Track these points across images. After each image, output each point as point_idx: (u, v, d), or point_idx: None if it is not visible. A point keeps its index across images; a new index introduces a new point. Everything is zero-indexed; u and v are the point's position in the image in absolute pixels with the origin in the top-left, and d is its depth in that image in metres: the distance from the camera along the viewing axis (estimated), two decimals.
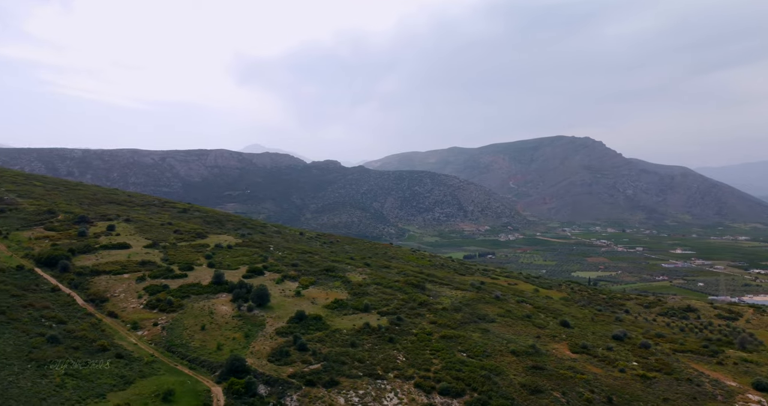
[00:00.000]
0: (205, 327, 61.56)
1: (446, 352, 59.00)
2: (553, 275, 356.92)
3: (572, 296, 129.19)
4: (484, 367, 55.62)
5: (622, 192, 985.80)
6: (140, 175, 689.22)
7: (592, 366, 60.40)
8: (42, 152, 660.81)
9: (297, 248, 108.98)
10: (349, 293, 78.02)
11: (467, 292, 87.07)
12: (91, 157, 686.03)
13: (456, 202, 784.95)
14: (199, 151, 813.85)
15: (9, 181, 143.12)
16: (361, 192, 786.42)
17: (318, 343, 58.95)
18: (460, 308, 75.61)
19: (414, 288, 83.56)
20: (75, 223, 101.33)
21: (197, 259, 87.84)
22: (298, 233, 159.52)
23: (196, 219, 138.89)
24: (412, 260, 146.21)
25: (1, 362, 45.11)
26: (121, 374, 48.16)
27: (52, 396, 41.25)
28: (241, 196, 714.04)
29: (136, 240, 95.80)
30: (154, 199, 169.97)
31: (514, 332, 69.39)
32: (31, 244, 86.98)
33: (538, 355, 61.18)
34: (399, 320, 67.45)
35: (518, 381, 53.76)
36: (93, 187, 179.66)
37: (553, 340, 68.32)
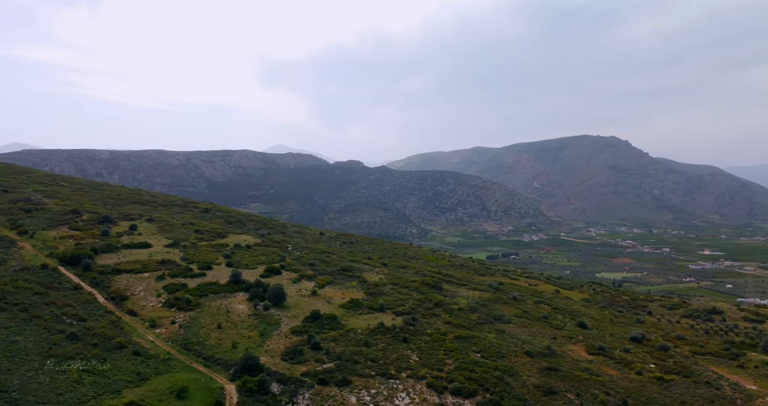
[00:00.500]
0: (222, 326, 62.34)
1: (460, 352, 58.84)
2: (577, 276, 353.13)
3: (594, 297, 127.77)
4: (497, 368, 55.34)
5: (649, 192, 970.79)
6: (166, 175, 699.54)
7: (608, 368, 59.69)
8: (71, 153, 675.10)
9: (315, 248, 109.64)
10: (365, 292, 78.28)
11: (484, 292, 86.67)
12: (118, 158, 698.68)
13: (479, 202, 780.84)
14: (223, 152, 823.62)
15: (37, 182, 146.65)
16: (384, 192, 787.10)
17: (332, 342, 59.25)
18: (476, 309, 75.32)
19: (430, 288, 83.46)
20: (99, 222, 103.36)
21: (216, 258, 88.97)
22: (318, 232, 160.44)
23: (217, 219, 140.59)
24: (432, 261, 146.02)
25: (21, 358, 46.29)
26: (137, 371, 49.04)
27: (69, 391, 42.18)
28: (265, 196, 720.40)
29: (157, 240, 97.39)
30: (177, 199, 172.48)
31: (530, 333, 68.89)
32: (55, 243, 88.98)
33: (553, 356, 60.67)
34: (414, 320, 67.46)
35: (532, 382, 53.37)
36: (117, 187, 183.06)
37: (570, 341, 67.67)
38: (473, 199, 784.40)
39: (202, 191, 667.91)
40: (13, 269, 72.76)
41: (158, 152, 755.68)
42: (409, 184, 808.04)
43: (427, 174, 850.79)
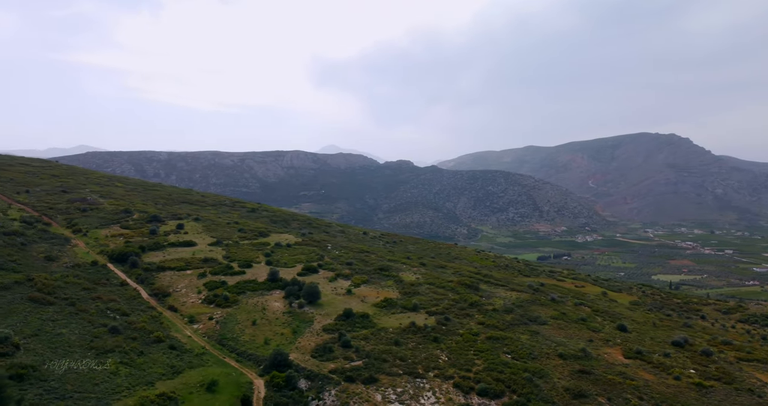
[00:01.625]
0: (256, 322, 63.94)
1: (490, 353, 58.38)
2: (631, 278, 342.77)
3: (643, 299, 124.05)
4: (527, 369, 54.64)
5: (711, 191, 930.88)
6: (221, 176, 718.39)
7: (644, 372, 58.00)
8: (132, 155, 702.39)
9: (355, 248, 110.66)
10: (400, 292, 78.60)
11: (522, 293, 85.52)
12: (175, 159, 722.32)
13: (531, 202, 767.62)
14: (276, 153, 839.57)
15: (94, 183, 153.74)
16: (434, 192, 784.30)
17: (362, 340, 59.83)
18: (511, 310, 74.47)
19: (467, 289, 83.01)
20: (148, 221, 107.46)
21: (257, 256, 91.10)
22: (361, 232, 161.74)
23: (263, 218, 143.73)
24: (476, 261, 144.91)
25: (64, 350, 48.84)
26: (171, 364, 50.97)
27: (104, 382, 44.28)
28: (316, 196, 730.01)
29: (202, 238, 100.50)
30: (226, 199, 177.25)
31: (565, 335, 67.63)
32: (107, 241, 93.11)
33: (587, 359, 59.40)
34: (447, 319, 67.31)
35: (562, 385, 52.46)
36: (169, 187, 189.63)
37: (606, 344, 66.07)
38: (525, 199, 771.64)
39: (255, 191, 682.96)
40: (65, 266, 76.68)
41: (213, 153, 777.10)
42: (460, 184, 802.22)
43: (477, 174, 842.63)
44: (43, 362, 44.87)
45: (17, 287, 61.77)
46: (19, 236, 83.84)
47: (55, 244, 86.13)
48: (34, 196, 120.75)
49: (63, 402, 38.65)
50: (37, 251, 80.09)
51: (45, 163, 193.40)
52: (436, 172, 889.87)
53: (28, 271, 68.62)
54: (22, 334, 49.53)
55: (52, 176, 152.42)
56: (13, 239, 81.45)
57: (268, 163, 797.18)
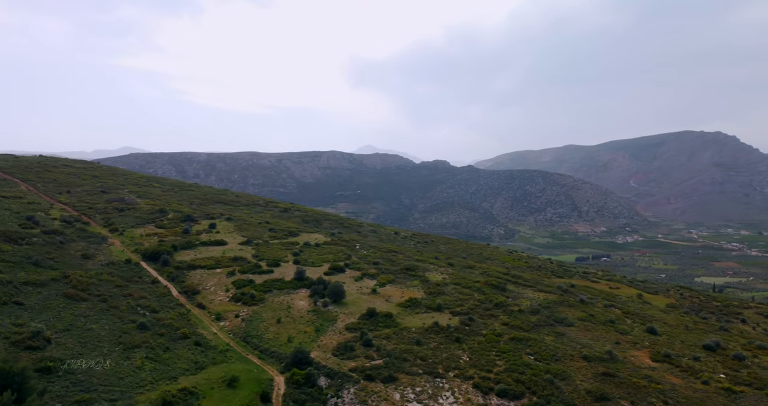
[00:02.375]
0: (281, 320, 64.92)
1: (512, 354, 57.95)
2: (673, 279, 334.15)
3: (680, 302, 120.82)
4: (549, 371, 54.06)
5: (760, 191, 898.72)
6: (258, 176, 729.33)
7: (671, 376, 56.66)
8: (173, 156, 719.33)
9: (383, 247, 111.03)
10: (425, 291, 78.62)
11: (550, 294, 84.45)
12: (214, 160, 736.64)
13: (570, 202, 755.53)
14: (313, 153, 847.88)
15: (132, 183, 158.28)
16: (470, 192, 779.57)
17: (384, 340, 60.16)
18: (537, 311, 73.65)
19: (493, 289, 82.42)
20: (182, 221, 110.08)
21: (285, 256, 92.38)
22: (393, 232, 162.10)
23: (295, 218, 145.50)
24: (507, 261, 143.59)
25: (93, 344, 50.57)
26: (195, 360, 52.24)
27: (129, 376, 45.69)
28: (352, 196, 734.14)
29: (233, 237, 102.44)
30: (259, 199, 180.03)
31: (591, 337, 66.55)
32: (141, 240, 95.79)
33: (612, 361, 58.36)
34: (470, 320, 67.06)
35: (584, 387, 51.72)
36: (205, 188, 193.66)
37: (634, 347, 64.74)
38: (563, 198, 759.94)
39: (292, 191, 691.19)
40: (100, 263, 79.27)
41: (252, 154, 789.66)
42: (497, 184, 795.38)
43: (515, 173, 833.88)
44: (72, 355, 46.60)
45: (53, 284, 64.15)
46: (58, 234, 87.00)
47: (92, 242, 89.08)
48: (75, 196, 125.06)
49: (88, 395, 40.06)
50: (75, 249, 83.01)
51: (87, 164, 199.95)
52: (472, 172, 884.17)
53: (64, 268, 71.20)
54: (54, 329, 51.47)
55: (93, 177, 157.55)
56: (53, 237, 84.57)
57: (305, 163, 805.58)
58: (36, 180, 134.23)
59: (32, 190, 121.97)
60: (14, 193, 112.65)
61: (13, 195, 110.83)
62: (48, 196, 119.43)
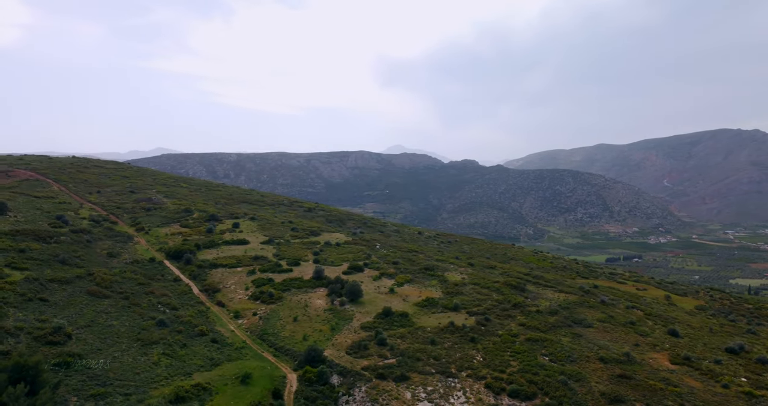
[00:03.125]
0: (297, 319, 65.64)
1: (527, 355, 57.57)
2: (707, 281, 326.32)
3: (710, 304, 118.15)
4: (563, 372, 53.57)
5: None
6: (287, 176, 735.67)
7: (690, 379, 55.58)
8: (204, 157, 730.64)
9: (403, 247, 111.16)
10: (443, 291, 78.56)
11: (571, 295, 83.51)
12: (244, 160, 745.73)
13: (601, 202, 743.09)
14: (341, 153, 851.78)
15: (161, 184, 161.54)
16: (499, 192, 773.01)
17: (398, 339, 60.37)
18: (556, 311, 72.93)
19: (512, 289, 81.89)
20: (206, 220, 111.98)
21: (305, 255, 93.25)
22: (416, 232, 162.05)
23: (319, 218, 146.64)
24: (532, 262, 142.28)
25: (112, 340, 52.00)
26: (210, 357, 53.28)
27: (145, 371, 46.88)
28: (380, 196, 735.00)
29: (255, 237, 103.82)
30: (284, 198, 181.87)
31: (610, 339, 65.66)
32: (166, 239, 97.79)
33: (629, 363, 57.53)
34: (487, 320, 66.81)
35: (598, 389, 51.13)
36: (231, 188, 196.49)
37: (653, 349, 63.65)
38: (594, 198, 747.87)
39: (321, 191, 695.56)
40: (125, 262, 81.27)
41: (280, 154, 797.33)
42: (526, 184, 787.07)
43: (545, 173, 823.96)
44: (91, 351, 47.99)
45: (78, 281, 66.07)
46: (86, 233, 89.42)
47: (118, 241, 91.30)
48: (104, 196, 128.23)
49: (103, 389, 41.25)
50: (101, 247, 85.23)
51: (118, 165, 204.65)
52: (501, 171, 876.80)
53: (89, 266, 73.23)
54: (76, 324, 53.06)
55: (122, 177, 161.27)
56: (80, 236, 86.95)
57: (333, 163, 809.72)
58: (68, 180, 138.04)
59: (64, 191, 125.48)
60: (46, 194, 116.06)
61: (46, 195, 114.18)
62: (78, 196, 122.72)
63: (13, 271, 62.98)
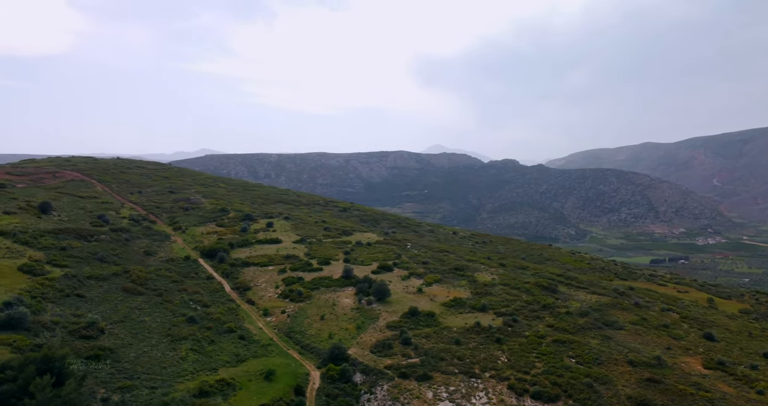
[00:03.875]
0: (325, 317, 66.45)
1: (553, 356, 56.89)
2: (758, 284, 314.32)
3: (756, 308, 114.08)
4: (589, 374, 52.77)
5: None
6: (327, 176, 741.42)
7: (723, 385, 53.94)
8: (245, 157, 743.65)
9: (435, 247, 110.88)
10: (471, 292, 78.17)
11: (603, 296, 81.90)
12: (285, 160, 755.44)
13: (646, 202, 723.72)
14: (380, 153, 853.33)
15: (199, 184, 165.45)
16: (540, 192, 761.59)
17: (423, 338, 60.47)
18: (586, 313, 71.68)
19: (543, 290, 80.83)
20: (241, 220, 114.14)
21: (336, 254, 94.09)
22: (451, 232, 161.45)
23: (353, 217, 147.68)
24: (568, 263, 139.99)
25: (143, 335, 53.72)
26: (237, 353, 54.46)
27: (172, 366, 48.29)
28: (419, 196, 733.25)
29: (288, 236, 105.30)
30: (320, 198, 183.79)
31: (641, 342, 64.21)
32: (202, 238, 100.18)
33: (660, 367, 56.18)
34: (514, 321, 66.22)
35: (625, 393, 50.17)
36: (268, 188, 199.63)
37: (686, 353, 61.96)
38: (639, 198, 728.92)
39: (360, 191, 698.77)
40: (161, 260, 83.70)
41: (320, 155, 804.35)
42: (568, 183, 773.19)
43: (587, 172, 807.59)
44: (122, 345, 49.72)
45: (114, 278, 68.41)
46: (125, 232, 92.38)
47: (156, 240, 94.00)
48: (145, 196, 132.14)
49: (130, 382, 42.71)
50: (138, 246, 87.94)
51: (159, 165, 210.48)
52: (542, 171, 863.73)
53: (126, 264, 75.67)
54: (110, 320, 55.01)
55: (163, 178, 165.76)
56: (119, 235, 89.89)
57: (372, 163, 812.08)
58: (111, 181, 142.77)
59: (107, 191, 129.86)
60: (90, 194, 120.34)
61: (89, 195, 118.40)
62: (120, 196, 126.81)
63: (54, 268, 65.62)
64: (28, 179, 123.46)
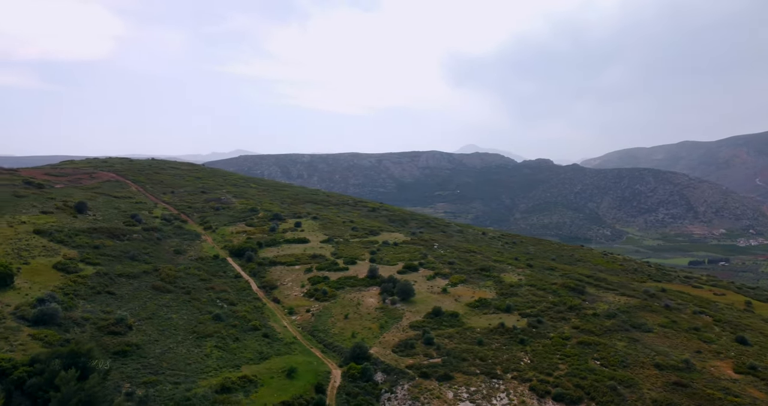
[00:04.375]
0: (348, 316, 66.94)
1: (577, 358, 56.19)
2: None
3: None
4: (614, 377, 51.96)
5: None
6: (359, 176, 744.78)
7: (754, 390, 52.43)
8: (279, 158, 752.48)
9: (462, 247, 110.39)
10: (497, 292, 77.67)
11: (633, 298, 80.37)
12: (317, 161, 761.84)
13: (684, 202, 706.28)
14: (412, 153, 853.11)
15: (231, 184, 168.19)
16: (575, 192, 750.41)
17: (446, 338, 60.42)
18: (614, 315, 70.47)
19: (570, 291, 79.77)
20: (270, 219, 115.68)
21: (362, 254, 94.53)
22: (480, 232, 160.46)
23: (381, 217, 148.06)
24: (600, 264, 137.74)
25: (170, 332, 55.00)
26: (260, 351, 55.31)
27: (196, 363, 49.35)
28: (451, 196, 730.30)
29: (315, 236, 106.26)
30: (349, 198, 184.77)
31: (670, 345, 62.84)
32: (231, 237, 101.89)
33: (687, 371, 54.92)
34: (539, 322, 65.60)
35: (650, 396, 49.24)
36: (298, 188, 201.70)
37: (717, 357, 60.39)
38: (677, 198, 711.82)
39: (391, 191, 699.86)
40: (190, 259, 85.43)
41: (352, 155, 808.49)
42: (603, 183, 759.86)
43: (623, 172, 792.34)
44: (148, 342, 51.01)
45: (144, 276, 70.16)
46: (156, 231, 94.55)
47: (186, 239, 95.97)
48: (177, 196, 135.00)
49: (155, 377, 43.83)
50: (169, 245, 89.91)
51: (192, 166, 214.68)
52: (577, 170, 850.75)
53: (156, 262, 77.49)
54: (138, 316, 56.48)
55: (195, 178, 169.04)
56: (151, 234, 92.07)
57: (404, 163, 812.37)
58: (145, 181, 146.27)
59: (141, 191, 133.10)
60: (125, 194, 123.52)
61: (124, 195, 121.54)
62: (154, 196, 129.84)
63: (87, 266, 67.65)
64: (66, 180, 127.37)
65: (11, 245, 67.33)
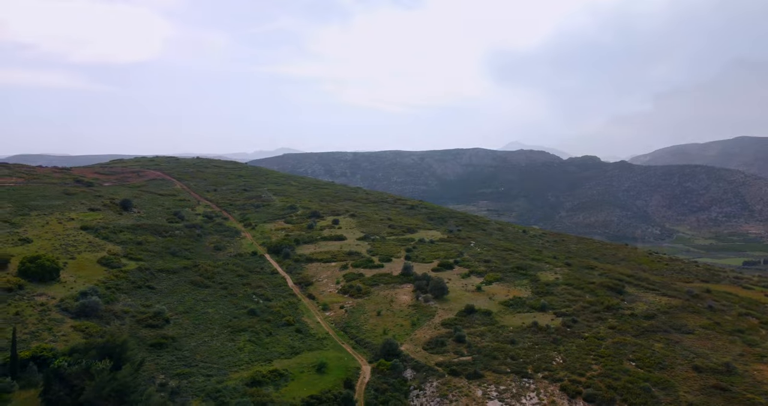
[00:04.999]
0: (381, 313, 67.38)
1: (611, 359, 55.11)
2: None
3: None
4: (648, 379, 50.80)
5: None
6: (401, 174, 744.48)
7: None
8: (322, 156, 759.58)
9: (499, 245, 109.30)
10: (532, 291, 76.73)
11: (674, 299, 78.08)
12: (360, 159, 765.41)
13: (739, 200, 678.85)
14: (455, 151, 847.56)
15: (272, 182, 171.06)
16: (622, 189, 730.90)
17: (478, 337, 60.22)
18: (653, 316, 68.67)
19: (609, 291, 78.05)
20: (308, 217, 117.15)
21: (398, 251, 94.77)
22: (521, 230, 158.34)
23: (420, 215, 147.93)
24: (644, 263, 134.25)
25: (205, 326, 56.61)
26: (292, 346, 56.36)
27: (229, 356, 50.69)
28: (494, 193, 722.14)
29: (352, 233, 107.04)
30: (389, 196, 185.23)
31: (711, 347, 60.89)
32: (270, 234, 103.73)
33: (729, 374, 53.18)
34: (573, 321, 64.58)
35: (687, 399, 47.97)
36: (338, 186, 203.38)
37: (760, 360, 58.12)
38: (731, 196, 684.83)
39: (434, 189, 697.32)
40: (229, 255, 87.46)
41: (395, 153, 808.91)
42: (652, 181, 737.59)
43: (673, 169, 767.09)
44: (184, 335, 52.63)
45: (184, 272, 72.34)
46: (198, 228, 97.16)
47: (226, 236, 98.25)
48: (219, 193, 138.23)
49: (188, 369, 45.27)
50: (209, 241, 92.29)
51: (235, 165, 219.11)
52: (624, 168, 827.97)
53: (196, 258, 79.76)
54: (175, 310, 58.34)
55: (238, 177, 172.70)
56: (193, 231, 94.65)
57: (447, 161, 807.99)
58: (189, 179, 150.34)
59: (185, 189, 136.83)
60: (170, 192, 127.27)
61: (168, 193, 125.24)
62: (197, 194, 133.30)
63: (129, 261, 70.20)
64: (114, 178, 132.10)
65: (60, 241, 70.42)
